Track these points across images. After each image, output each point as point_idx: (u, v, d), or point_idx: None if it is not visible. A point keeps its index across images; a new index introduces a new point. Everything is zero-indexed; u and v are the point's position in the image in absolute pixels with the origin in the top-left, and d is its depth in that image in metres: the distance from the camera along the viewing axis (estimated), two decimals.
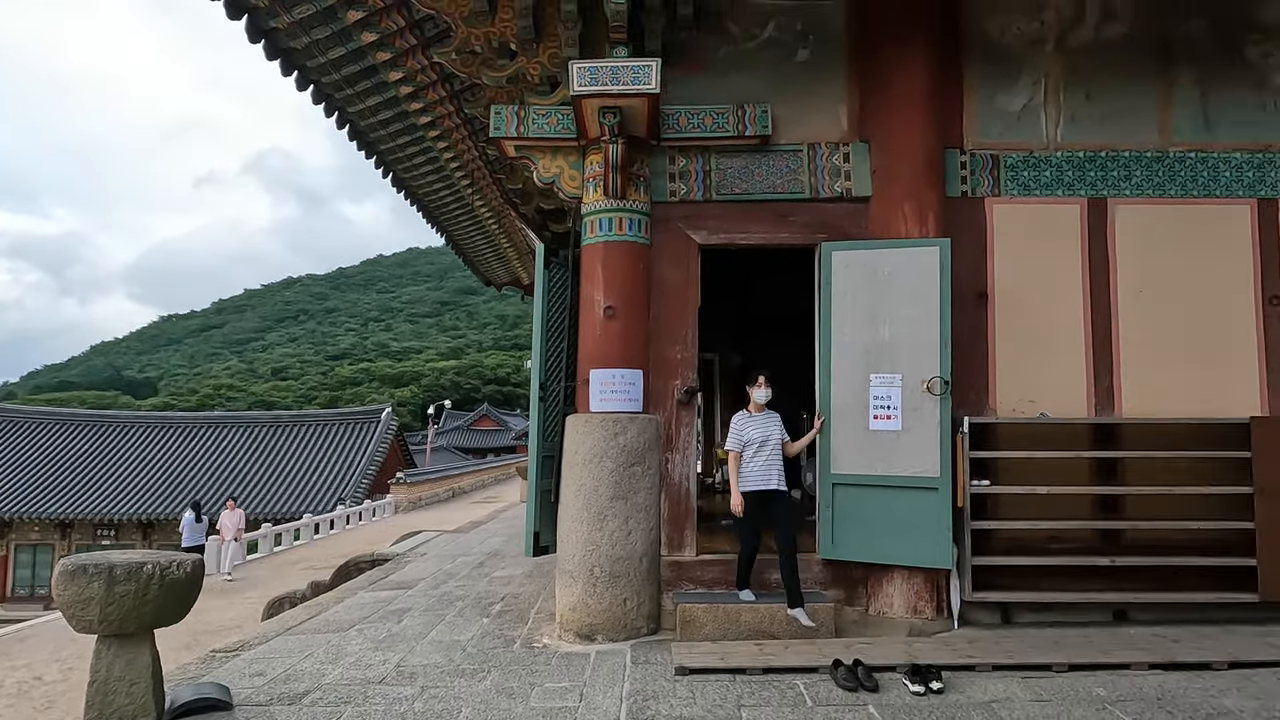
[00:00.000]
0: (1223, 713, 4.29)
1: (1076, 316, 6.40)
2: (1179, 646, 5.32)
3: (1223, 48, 6.59)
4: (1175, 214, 6.47)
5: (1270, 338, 6.37)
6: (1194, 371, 6.35)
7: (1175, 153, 6.50)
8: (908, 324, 5.97)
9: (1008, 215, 6.46)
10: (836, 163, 6.41)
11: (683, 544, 6.19)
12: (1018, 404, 6.30)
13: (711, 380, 16.02)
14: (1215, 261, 6.44)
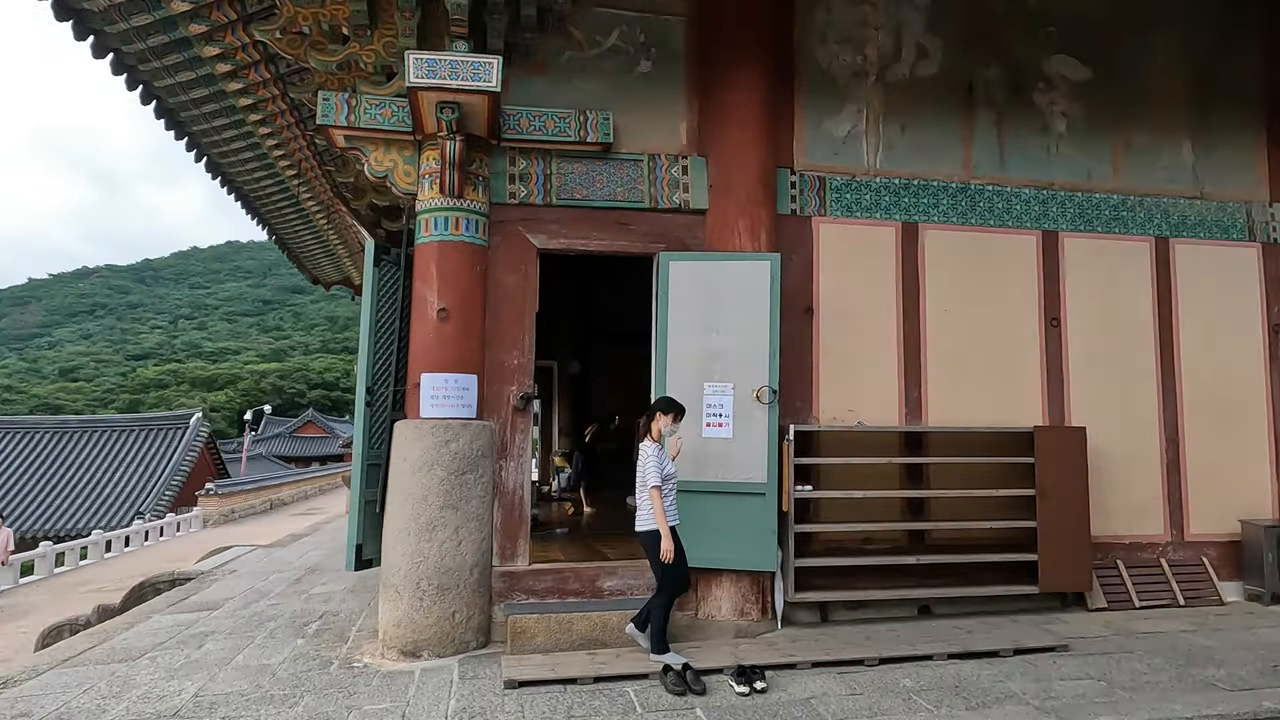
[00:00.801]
0: (1009, 695, 4.70)
1: (891, 332, 6.86)
2: (973, 637, 5.79)
3: (1015, 93, 7.32)
4: (975, 241, 7.09)
5: (1050, 355, 7.11)
6: (989, 385, 6.98)
7: (976, 185, 7.13)
8: (740, 334, 6.16)
9: (832, 234, 6.83)
10: (676, 175, 6.53)
11: (516, 554, 6.05)
12: (838, 413, 6.66)
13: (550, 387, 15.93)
14: (1007, 285, 7.12)
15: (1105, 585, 6.82)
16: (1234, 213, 7.61)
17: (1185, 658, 5.42)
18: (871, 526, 6.58)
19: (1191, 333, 7.39)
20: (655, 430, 5.28)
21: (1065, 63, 7.40)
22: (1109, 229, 7.32)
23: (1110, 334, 7.24)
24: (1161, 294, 7.39)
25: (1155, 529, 7.15)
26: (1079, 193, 7.30)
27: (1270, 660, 5.34)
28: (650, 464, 5.12)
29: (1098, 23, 7.50)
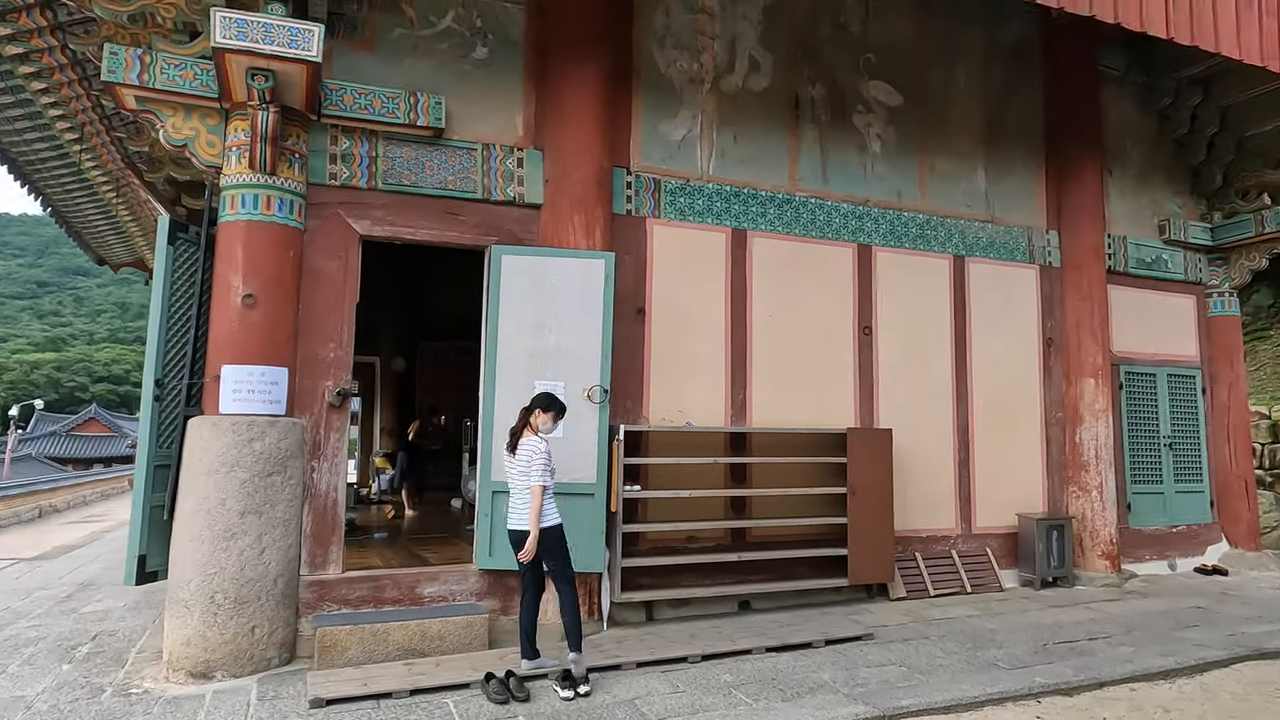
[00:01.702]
0: (821, 685, 4.91)
1: (720, 335, 7.03)
2: (789, 630, 6.02)
3: (837, 113, 7.73)
4: (799, 250, 7.42)
5: (863, 361, 7.57)
6: (809, 388, 7.32)
7: (800, 197, 7.46)
8: (573, 333, 6.08)
9: (666, 237, 6.91)
10: (511, 166, 6.35)
11: (328, 561, 5.63)
12: (668, 413, 6.73)
13: (373, 384, 15.16)
14: (827, 294, 7.50)
15: (905, 576, 7.34)
16: (1018, 237, 8.45)
17: (972, 641, 5.91)
18: (697, 525, 6.70)
19: (981, 344, 8.12)
20: (534, 427, 5.00)
21: (881, 88, 7.92)
22: (915, 246, 7.90)
23: (914, 342, 7.82)
24: (958, 307, 8.07)
25: (948, 523, 7.79)
26: (891, 210, 7.82)
27: (1040, 640, 5.93)
28: (538, 460, 4.86)
29: (909, 54, 8.09)
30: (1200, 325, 9.56)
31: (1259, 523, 9.68)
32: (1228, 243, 9.44)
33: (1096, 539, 8.12)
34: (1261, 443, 12.23)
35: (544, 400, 5.10)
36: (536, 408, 5.05)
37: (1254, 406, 12.59)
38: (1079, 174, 8.57)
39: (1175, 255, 9.40)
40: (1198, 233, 9.48)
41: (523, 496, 4.92)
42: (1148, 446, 9.03)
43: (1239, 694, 4.97)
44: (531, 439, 4.94)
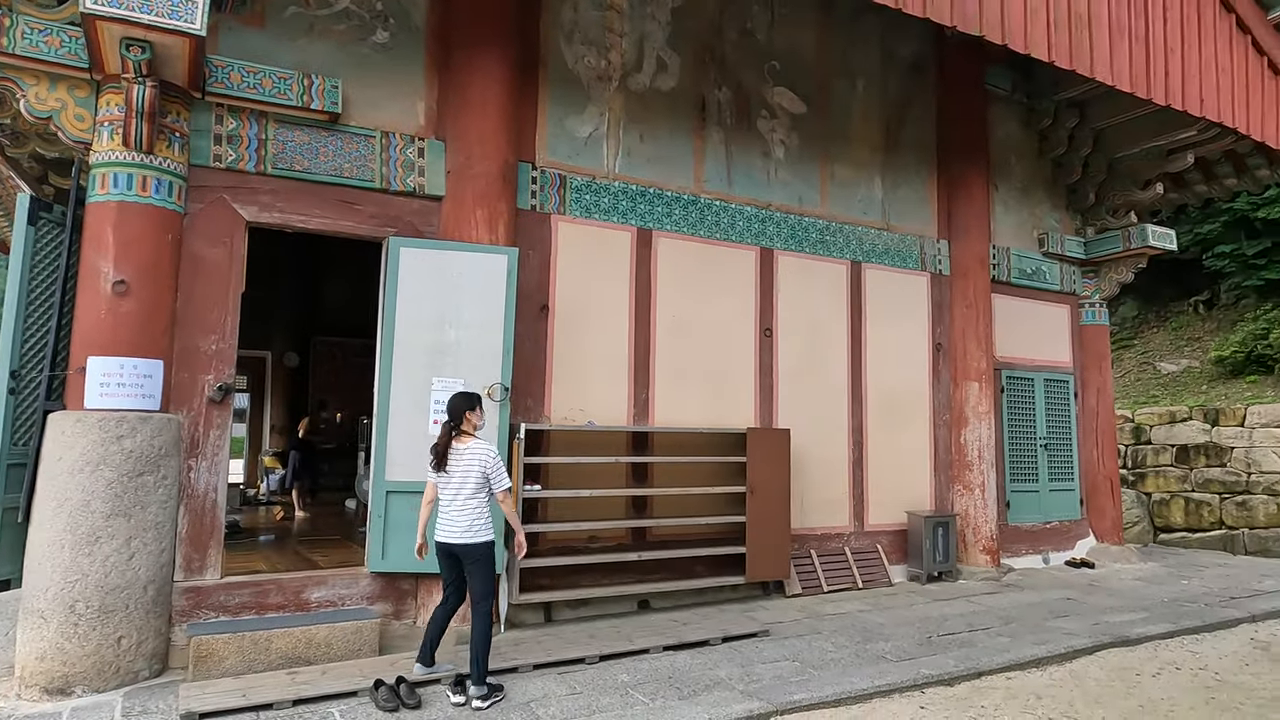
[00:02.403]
0: (717, 682, 4.95)
1: (624, 334, 7.01)
2: (687, 628, 6.06)
3: (742, 117, 7.84)
4: (704, 251, 7.48)
5: (763, 362, 7.70)
6: (711, 388, 7.39)
7: (705, 199, 7.53)
8: (473, 329, 5.94)
9: (571, 234, 6.84)
10: (411, 156, 6.15)
11: (205, 566, 5.31)
12: (570, 412, 6.67)
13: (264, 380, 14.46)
14: (730, 296, 7.59)
15: (801, 573, 7.51)
16: (911, 245, 8.78)
17: (862, 635, 6.09)
18: (598, 525, 6.66)
19: (876, 347, 8.40)
20: (469, 431, 4.77)
21: (785, 95, 8.08)
22: (815, 250, 8.09)
23: (813, 345, 8.01)
24: (854, 312, 8.32)
25: (842, 521, 8.02)
26: (793, 215, 7.99)
27: (926, 633, 6.17)
28: (499, 463, 4.72)
29: (812, 63, 8.29)
30: (1074, 333, 10.19)
31: (1122, 518, 10.39)
32: (1099, 257, 10.09)
33: (979, 535, 8.53)
34: (1126, 444, 13.14)
35: (466, 400, 4.82)
36: (464, 410, 4.77)
37: (1120, 410, 13.52)
38: (967, 187, 8.99)
39: (1053, 267, 9.98)
40: (1073, 246, 10.10)
41: (463, 506, 4.64)
42: (1026, 447, 9.56)
43: (1103, 680, 5.29)
44: (477, 443, 4.73)
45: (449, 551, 4.69)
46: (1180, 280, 17.58)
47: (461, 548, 4.64)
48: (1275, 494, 11.35)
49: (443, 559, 4.76)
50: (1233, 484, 11.82)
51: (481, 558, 4.68)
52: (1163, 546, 11.87)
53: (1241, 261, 16.08)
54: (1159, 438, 12.86)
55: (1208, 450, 12.21)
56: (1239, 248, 16.09)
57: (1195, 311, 17.27)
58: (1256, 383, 13.56)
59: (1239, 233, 16.30)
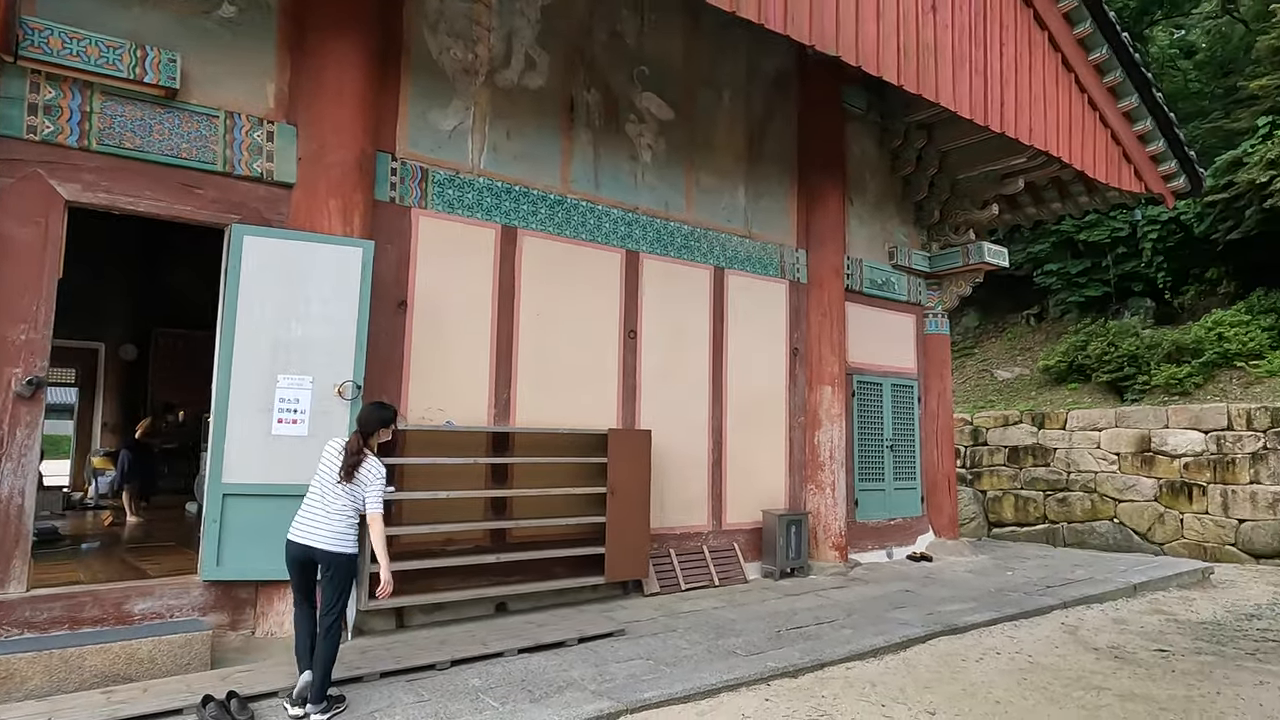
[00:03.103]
0: (570, 683, 4.95)
1: (486, 332, 6.90)
2: (544, 630, 6.03)
3: (611, 120, 7.89)
4: (569, 252, 7.47)
5: (627, 364, 7.77)
6: (574, 388, 7.39)
7: (572, 199, 7.52)
8: (323, 324, 5.68)
9: (433, 229, 6.67)
10: (259, 140, 5.82)
11: (8, 579, 4.82)
12: (427, 411, 6.50)
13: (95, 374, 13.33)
14: (595, 297, 7.62)
15: (660, 572, 7.62)
16: (771, 253, 9.11)
17: (716, 631, 6.25)
18: (455, 527, 6.52)
19: (736, 351, 8.66)
20: (372, 446, 4.57)
21: (653, 100, 8.19)
22: (680, 255, 8.25)
23: (676, 348, 8.16)
24: (716, 316, 8.53)
25: (701, 520, 8.21)
26: (658, 219, 8.11)
27: (775, 627, 6.40)
28: (378, 484, 4.47)
29: (680, 71, 8.45)
30: (919, 341, 10.85)
31: (958, 514, 11.16)
32: (942, 270, 10.80)
33: (829, 532, 8.94)
34: (965, 445, 14.13)
35: (380, 416, 4.62)
36: (379, 427, 4.59)
37: (960, 414, 14.52)
38: (825, 200, 9.41)
39: (901, 278, 10.60)
40: (919, 260, 10.77)
41: (339, 513, 4.40)
42: (873, 448, 10.10)
43: (932, 666, 5.66)
44: (373, 460, 4.51)
45: (310, 557, 4.42)
46: (1015, 295, 19.09)
47: (325, 554, 4.39)
48: (1090, 491, 12.50)
49: (297, 564, 4.47)
50: (1055, 482, 12.93)
51: (342, 569, 4.45)
52: (994, 540, 12.83)
53: (1066, 279, 17.64)
54: (994, 439, 13.90)
55: (1035, 451, 13.30)
56: (1064, 267, 17.66)
57: (1027, 324, 18.79)
58: (1077, 389, 14.90)
59: (1065, 253, 17.88)
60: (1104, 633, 6.66)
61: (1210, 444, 11.40)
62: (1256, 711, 4.76)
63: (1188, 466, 11.53)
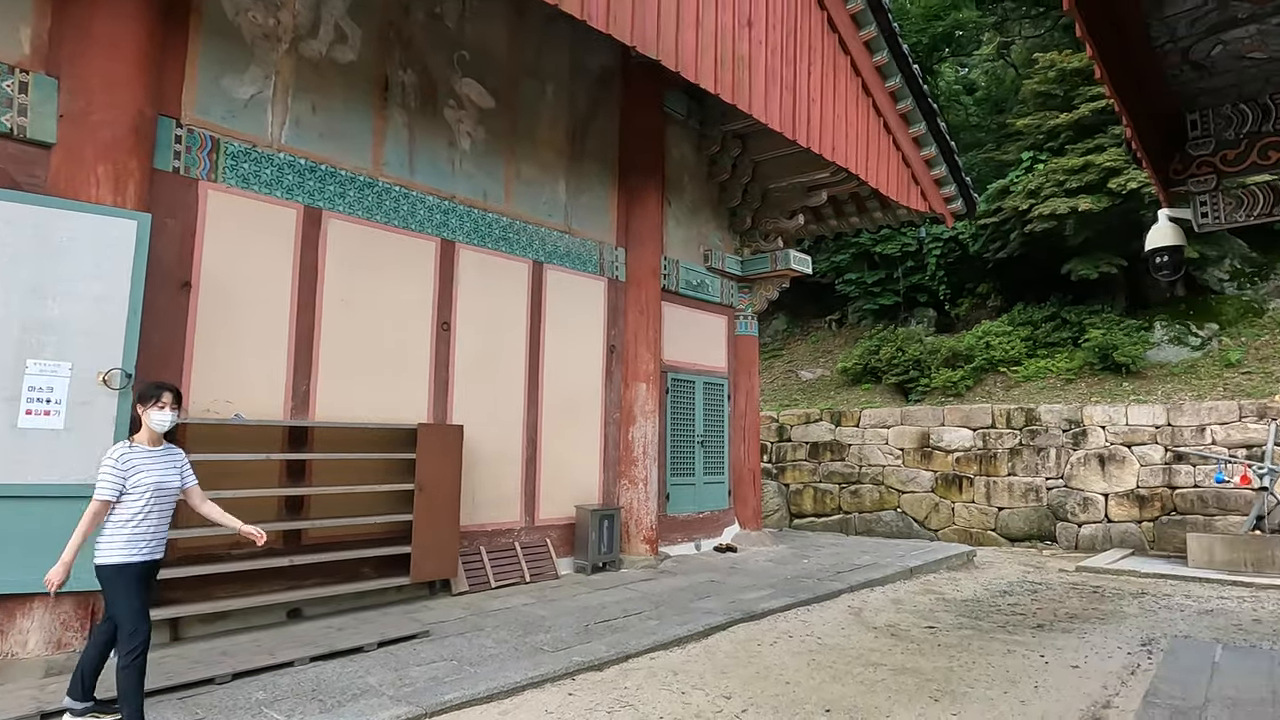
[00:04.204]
0: (366, 690, 4.71)
1: (284, 319, 6.44)
2: (341, 635, 5.71)
3: (428, 103, 7.61)
4: (381, 238, 7.13)
5: (439, 356, 7.53)
6: (382, 381, 7.05)
7: (384, 183, 7.18)
8: (87, 303, 5.05)
9: (224, 205, 6.13)
10: (10, 90, 5.09)
11: None
12: (213, 404, 5.97)
13: None
14: (407, 286, 7.31)
15: (470, 570, 7.45)
16: (591, 250, 9.16)
17: (524, 628, 6.19)
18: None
19: (554, 346, 8.63)
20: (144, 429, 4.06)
21: (474, 87, 7.99)
22: (498, 247, 8.10)
23: (491, 341, 8.01)
24: (534, 310, 8.46)
25: (513, 516, 8.11)
26: (476, 209, 7.92)
27: (584, 622, 6.44)
28: (102, 470, 3.87)
29: (503, 60, 8.30)
30: (730, 342, 11.34)
31: (763, 507, 11.78)
32: (752, 275, 11.34)
33: (640, 526, 9.13)
34: (771, 441, 14.94)
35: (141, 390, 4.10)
36: (136, 401, 4.10)
37: (767, 412, 15.33)
38: (644, 200, 9.59)
39: (715, 280, 11.02)
40: (732, 264, 11.24)
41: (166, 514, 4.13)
42: (685, 444, 10.43)
43: (731, 652, 5.90)
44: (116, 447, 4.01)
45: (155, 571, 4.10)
46: (820, 300, 20.44)
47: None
48: (878, 483, 13.60)
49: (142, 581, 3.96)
50: (849, 475, 13.96)
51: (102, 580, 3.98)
52: (795, 530, 13.66)
53: (863, 288, 19.11)
54: (797, 436, 14.79)
55: (832, 447, 14.29)
56: (862, 276, 19.12)
57: (830, 328, 20.16)
58: (869, 390, 16.16)
59: (863, 264, 19.36)
60: (883, 613, 7.25)
61: (978, 440, 12.75)
62: (1003, 676, 5.35)
63: (959, 461, 12.83)
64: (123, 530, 3.88)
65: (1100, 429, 11.82)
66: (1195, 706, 4.58)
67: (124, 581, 3.85)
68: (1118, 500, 11.45)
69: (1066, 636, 6.47)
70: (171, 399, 4.04)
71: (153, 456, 4.03)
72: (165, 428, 4.05)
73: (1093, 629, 6.75)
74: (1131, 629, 6.76)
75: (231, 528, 4.33)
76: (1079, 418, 12.03)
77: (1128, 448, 11.54)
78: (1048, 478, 12.05)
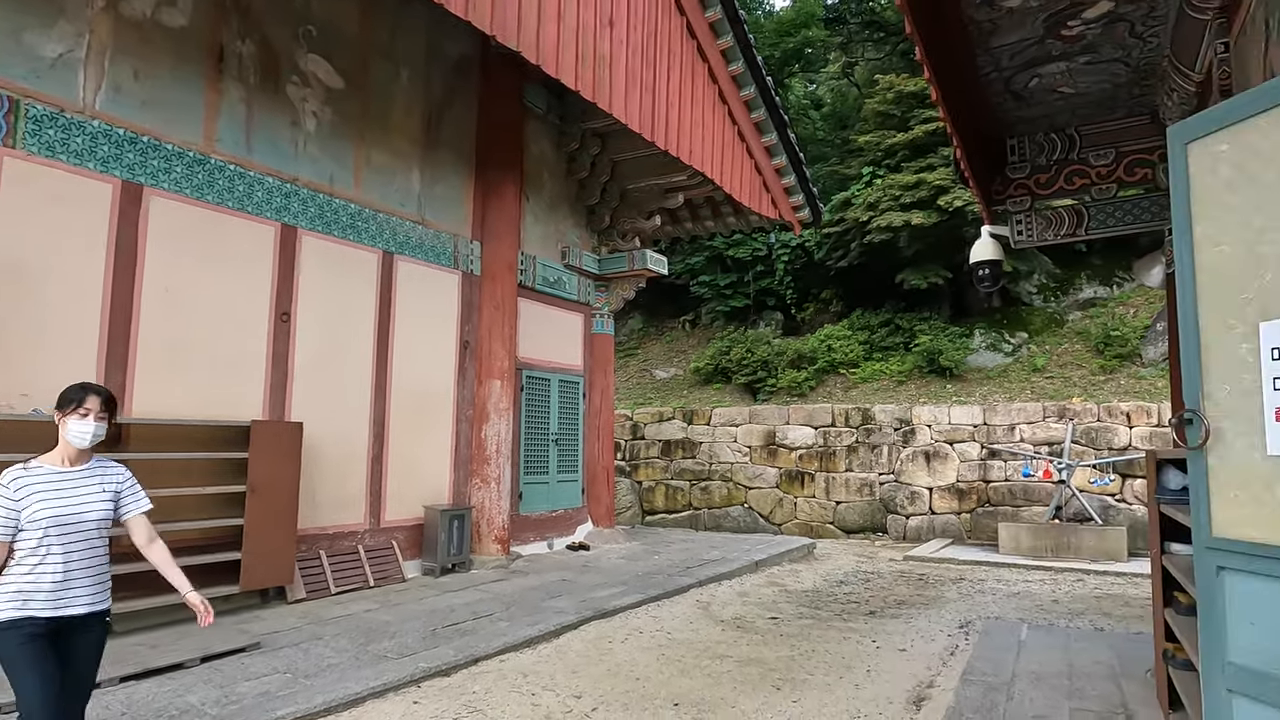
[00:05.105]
0: (186, 710, 4.33)
1: (95, 305, 5.83)
2: (157, 652, 5.23)
3: (269, 78, 7.12)
4: (211, 220, 6.59)
5: (277, 349, 7.07)
6: (213, 375, 6.54)
7: (218, 160, 6.65)
8: None
9: (25, 175, 5.47)
10: None
11: None
12: (8, 398, 5.31)
13: None
14: (243, 273, 6.81)
15: (308, 576, 7.04)
16: (445, 242, 8.89)
17: (366, 635, 5.91)
18: None
19: (404, 341, 8.31)
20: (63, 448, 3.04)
21: (321, 65, 7.55)
22: (345, 235, 7.70)
23: (337, 334, 7.60)
24: (383, 303, 8.11)
25: (357, 518, 7.74)
26: (322, 194, 7.49)
27: (431, 626, 6.23)
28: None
29: (354, 39, 7.89)
30: (586, 340, 11.34)
31: (615, 505, 11.86)
32: (609, 274, 11.40)
33: (492, 525, 8.95)
34: (624, 439, 15.08)
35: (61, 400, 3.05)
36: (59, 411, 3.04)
37: (622, 410, 15.47)
38: (502, 194, 9.41)
39: (572, 278, 10.98)
40: (589, 262, 11.25)
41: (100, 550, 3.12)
42: (539, 442, 10.34)
43: (582, 651, 5.89)
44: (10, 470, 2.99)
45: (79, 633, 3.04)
46: (675, 301, 20.85)
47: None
48: (727, 480, 14.04)
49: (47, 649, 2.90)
50: (699, 472, 14.32)
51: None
52: (647, 527, 13.86)
53: (716, 290, 19.67)
54: (650, 434, 15.01)
55: (684, 445, 14.60)
56: (715, 279, 19.67)
57: (684, 329, 20.61)
58: (720, 389, 16.65)
59: (716, 267, 19.93)
60: (730, 606, 7.47)
61: (819, 438, 13.42)
62: (839, 663, 5.64)
63: (801, 458, 13.45)
64: (12, 577, 2.87)
65: (927, 427, 12.74)
66: (1005, 682, 5.00)
67: (14, 646, 2.82)
68: (941, 493, 12.38)
69: (895, 622, 6.91)
70: (99, 405, 3.03)
71: (63, 480, 2.98)
72: (85, 442, 3.01)
73: (918, 614, 7.25)
74: (951, 613, 7.31)
75: (177, 588, 3.36)
76: (909, 417, 12.91)
77: (950, 445, 12.50)
78: (881, 473, 12.86)
